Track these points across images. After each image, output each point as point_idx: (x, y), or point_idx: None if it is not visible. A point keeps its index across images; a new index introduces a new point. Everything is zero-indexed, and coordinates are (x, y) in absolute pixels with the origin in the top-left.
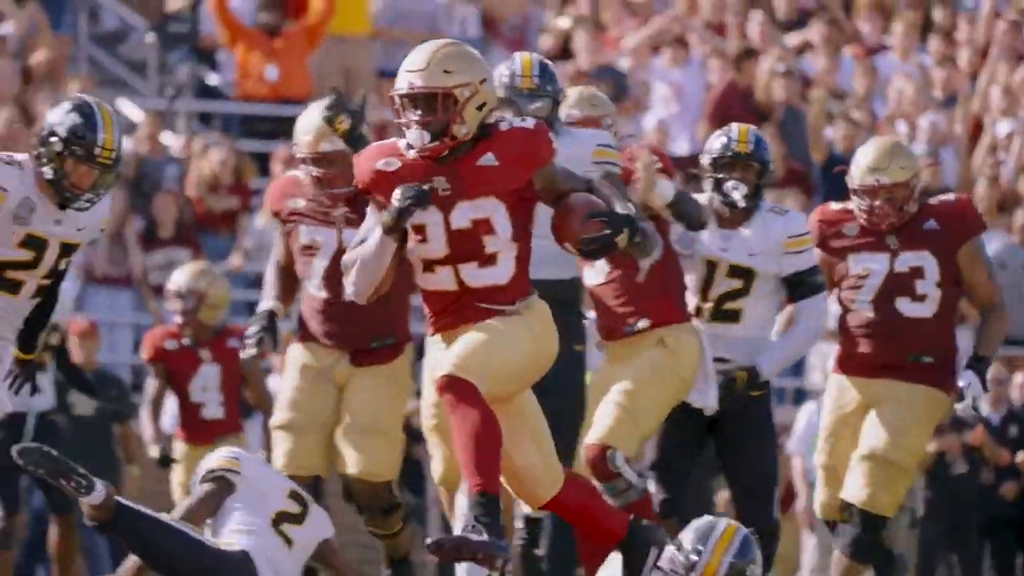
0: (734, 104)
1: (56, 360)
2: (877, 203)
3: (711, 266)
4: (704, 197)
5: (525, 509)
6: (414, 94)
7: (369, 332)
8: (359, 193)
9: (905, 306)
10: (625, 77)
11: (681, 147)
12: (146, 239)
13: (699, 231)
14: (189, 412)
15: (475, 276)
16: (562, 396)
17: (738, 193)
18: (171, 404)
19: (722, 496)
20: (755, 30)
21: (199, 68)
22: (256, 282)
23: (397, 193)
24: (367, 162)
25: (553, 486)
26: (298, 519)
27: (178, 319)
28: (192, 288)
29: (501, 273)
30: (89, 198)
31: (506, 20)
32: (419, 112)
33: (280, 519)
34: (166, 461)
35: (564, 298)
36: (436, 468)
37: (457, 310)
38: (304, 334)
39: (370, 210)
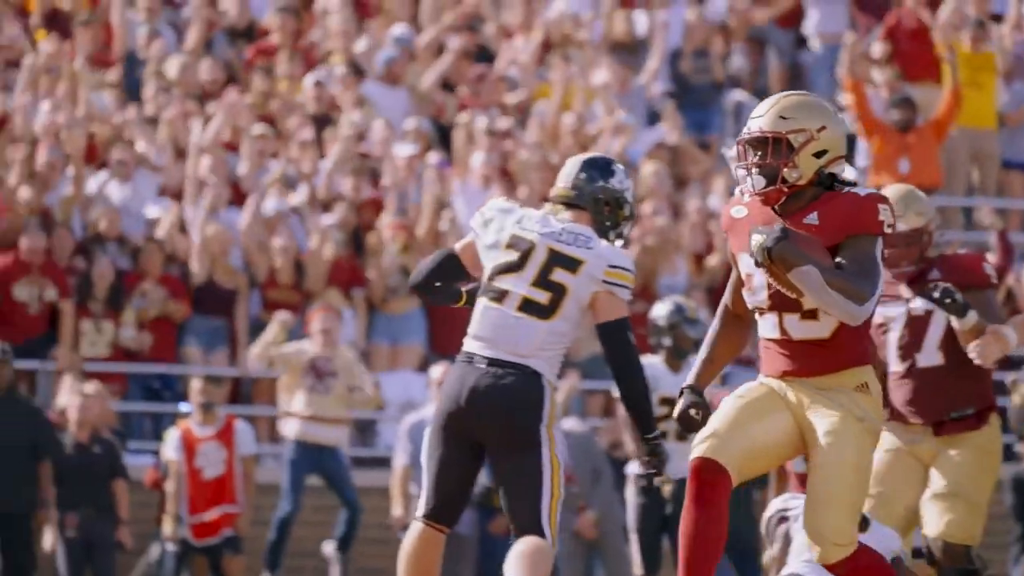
0: None
1: None
2: None
3: None
4: None
5: None
6: (752, 138)
7: (947, 402)
8: (921, 271)
9: None
10: None
11: None
12: None
13: None
14: None
15: (797, 328)
16: None
17: None
18: None
19: None
20: None
21: None
22: None
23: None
24: (728, 207)
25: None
26: None
27: None
28: None
29: (823, 328)
30: None
31: None
32: (757, 156)
33: None
34: None
35: None
36: None
37: (785, 357)
38: (888, 412)
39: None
